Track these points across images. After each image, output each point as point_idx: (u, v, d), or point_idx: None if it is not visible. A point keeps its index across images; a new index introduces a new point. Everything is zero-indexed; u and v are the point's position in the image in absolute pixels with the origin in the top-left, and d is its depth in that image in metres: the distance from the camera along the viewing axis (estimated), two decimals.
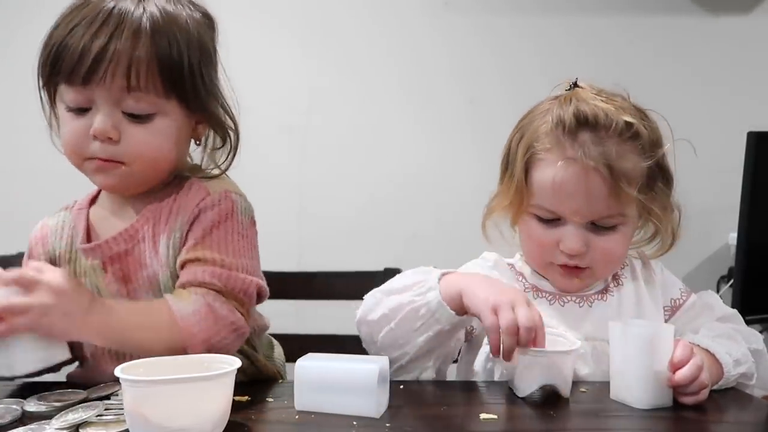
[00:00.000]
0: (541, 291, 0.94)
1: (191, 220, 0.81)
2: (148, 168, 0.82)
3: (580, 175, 0.84)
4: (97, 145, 0.78)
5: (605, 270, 0.92)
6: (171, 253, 0.82)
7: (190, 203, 0.82)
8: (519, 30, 1.87)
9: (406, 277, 0.87)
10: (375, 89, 1.86)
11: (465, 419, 0.71)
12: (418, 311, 0.81)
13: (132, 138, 0.79)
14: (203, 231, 0.81)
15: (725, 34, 1.84)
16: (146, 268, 0.83)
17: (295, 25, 1.84)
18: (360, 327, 0.89)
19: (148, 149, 0.80)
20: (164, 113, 0.80)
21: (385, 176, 1.84)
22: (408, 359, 0.84)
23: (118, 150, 0.79)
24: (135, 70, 0.75)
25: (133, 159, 0.79)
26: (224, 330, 0.77)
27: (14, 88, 1.84)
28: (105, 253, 0.83)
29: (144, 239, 0.83)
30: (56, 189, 1.79)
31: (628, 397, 0.75)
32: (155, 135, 0.80)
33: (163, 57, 0.77)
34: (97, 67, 0.74)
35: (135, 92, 0.77)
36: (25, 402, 0.71)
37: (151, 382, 0.59)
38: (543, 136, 0.88)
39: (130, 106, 0.78)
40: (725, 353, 0.80)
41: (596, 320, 0.90)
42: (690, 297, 0.96)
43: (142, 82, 0.76)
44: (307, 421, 0.68)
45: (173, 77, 0.78)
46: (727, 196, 1.44)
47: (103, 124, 0.77)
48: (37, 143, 1.87)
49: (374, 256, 1.27)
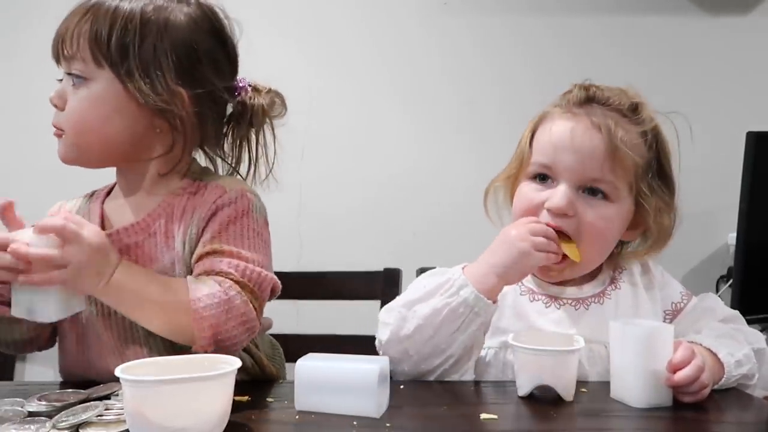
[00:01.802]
0: (537, 294, 0.94)
1: (208, 216, 0.83)
2: (83, 137, 0.84)
3: (578, 129, 0.87)
4: (54, 113, 0.84)
5: (589, 247, 0.88)
6: (187, 249, 0.83)
7: (208, 200, 0.84)
8: (519, 30, 1.87)
9: (424, 285, 0.87)
10: (375, 90, 1.86)
11: (465, 419, 0.71)
12: (456, 311, 0.82)
13: (70, 104, 0.83)
14: (220, 226, 0.82)
15: (724, 34, 1.84)
16: (157, 262, 0.83)
17: (295, 26, 1.84)
18: (389, 348, 0.85)
19: (75, 115, 0.83)
20: (93, 79, 0.82)
21: (384, 176, 1.84)
22: (452, 362, 0.84)
23: (61, 118, 0.84)
24: (69, 33, 0.81)
25: (68, 126, 0.83)
26: (234, 320, 0.76)
27: (14, 89, 1.85)
28: (116, 243, 0.82)
29: (156, 234, 0.84)
30: (56, 189, 1.79)
31: (627, 396, 0.75)
32: (84, 101, 0.82)
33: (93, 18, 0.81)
34: (59, 40, 0.82)
35: (69, 58, 0.82)
36: (25, 402, 0.71)
37: (151, 382, 0.59)
38: (553, 107, 0.93)
39: (70, 70, 0.82)
40: (727, 353, 0.80)
41: (593, 323, 0.90)
42: (691, 300, 0.96)
43: (78, 45, 0.81)
44: (307, 421, 0.68)
45: (99, 41, 0.81)
46: (727, 196, 1.45)
47: (54, 92, 0.83)
48: (36, 143, 1.87)
49: (374, 256, 1.27)
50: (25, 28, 1.79)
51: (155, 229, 0.84)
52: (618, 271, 0.96)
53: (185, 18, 0.85)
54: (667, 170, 0.92)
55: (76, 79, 0.82)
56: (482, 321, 0.83)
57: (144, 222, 0.85)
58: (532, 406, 0.75)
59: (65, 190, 0.94)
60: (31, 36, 1.75)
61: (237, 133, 0.94)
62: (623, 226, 0.91)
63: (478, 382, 0.85)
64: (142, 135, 0.85)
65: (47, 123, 0.86)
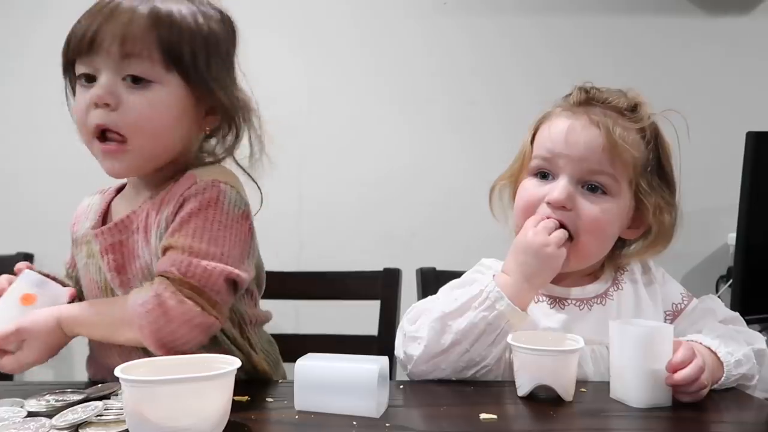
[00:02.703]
0: (541, 295, 0.94)
1: (176, 208, 0.80)
2: (147, 142, 0.81)
3: (577, 124, 0.89)
4: (97, 113, 0.79)
5: (589, 242, 0.89)
6: (158, 243, 0.81)
7: (177, 192, 0.82)
8: (519, 30, 1.86)
9: (455, 298, 0.86)
10: (375, 89, 1.85)
11: (465, 419, 0.70)
12: (493, 323, 0.82)
13: (129, 105, 0.79)
14: (181, 219, 0.79)
15: (724, 34, 1.84)
16: (139, 259, 0.82)
17: (293, 26, 1.84)
18: (420, 363, 0.84)
19: (143, 118, 0.80)
20: (161, 83, 0.81)
21: (384, 177, 1.84)
22: (485, 371, 0.85)
23: (115, 119, 0.79)
24: (132, 36, 0.78)
25: (130, 130, 0.79)
26: (175, 322, 0.74)
27: (14, 89, 1.85)
28: (102, 242, 0.84)
29: (138, 230, 0.83)
30: (55, 189, 1.79)
31: (627, 396, 0.75)
32: (152, 103, 0.80)
33: (162, 23, 0.79)
34: (96, 34, 0.77)
35: (134, 58, 0.78)
36: (25, 402, 0.71)
37: (150, 382, 0.59)
38: (553, 108, 0.95)
39: (129, 70, 0.79)
40: (727, 352, 0.81)
41: (595, 324, 0.90)
42: (691, 301, 0.96)
43: (138, 48, 0.78)
44: (307, 421, 0.68)
45: (171, 47, 0.80)
46: (727, 196, 1.44)
47: (101, 89, 0.78)
48: (36, 143, 1.87)
49: (374, 256, 1.27)
50: (33, 27, 1.79)
51: (137, 225, 0.83)
52: (620, 272, 0.97)
53: (225, 26, 0.87)
54: (666, 169, 0.93)
55: (133, 79, 0.79)
56: (514, 331, 0.84)
57: (128, 219, 0.84)
58: (532, 406, 0.75)
59: (64, 190, 0.94)
60: (42, 35, 1.76)
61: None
62: (623, 221, 0.92)
63: (478, 382, 0.85)
64: (190, 140, 0.87)
65: (42, 123, 0.85)
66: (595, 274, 0.96)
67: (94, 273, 0.87)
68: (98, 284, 0.87)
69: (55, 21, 1.62)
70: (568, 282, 0.95)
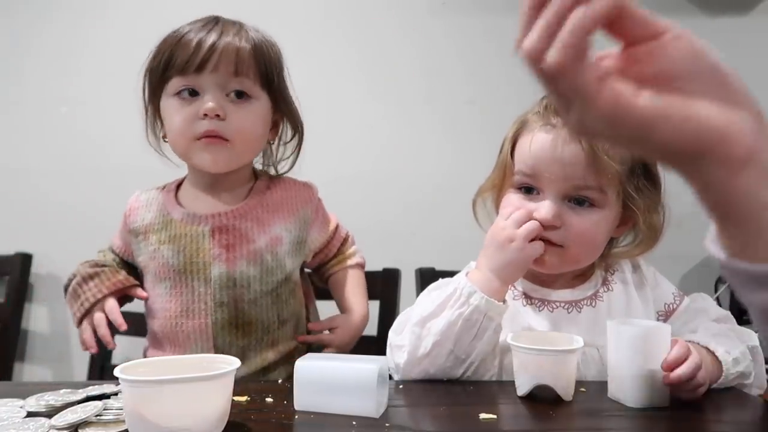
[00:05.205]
0: (530, 298, 0.94)
1: (315, 207, 1.08)
2: (246, 146, 0.99)
3: (557, 141, 0.86)
4: (206, 122, 0.93)
5: (579, 251, 0.89)
6: (294, 236, 1.03)
7: (304, 195, 1.07)
8: (517, 30, 1.86)
9: (432, 300, 0.86)
10: (376, 89, 1.85)
11: (465, 419, 0.71)
12: (471, 319, 0.82)
13: (235, 116, 0.95)
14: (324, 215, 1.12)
15: (724, 34, 1.84)
16: (251, 243, 0.99)
17: (291, 27, 1.84)
18: (408, 371, 0.85)
19: (247, 127, 0.97)
20: (258, 99, 0.98)
21: (383, 177, 1.84)
22: (474, 368, 0.85)
23: (224, 127, 0.94)
24: (239, 59, 0.93)
25: (236, 136, 0.95)
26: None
27: (15, 89, 1.85)
28: (214, 223, 0.98)
29: (254, 219, 1.00)
30: (54, 189, 1.79)
31: (624, 396, 0.76)
32: (253, 115, 0.97)
33: (259, 51, 0.97)
34: (210, 57, 0.92)
35: (240, 76, 0.94)
36: (24, 402, 0.71)
37: (150, 382, 0.59)
38: (532, 114, 0.92)
39: (235, 87, 0.95)
40: (724, 352, 0.80)
41: (586, 326, 0.89)
42: (683, 300, 0.96)
43: (244, 69, 0.94)
44: (306, 421, 0.68)
45: (266, 70, 0.97)
46: None
47: (215, 103, 0.93)
48: (33, 144, 1.87)
49: (373, 256, 1.27)
50: (35, 27, 1.79)
51: (254, 216, 1.00)
52: (610, 272, 0.96)
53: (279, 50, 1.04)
54: (652, 169, 0.91)
55: (236, 94, 0.95)
56: (497, 324, 0.84)
57: (242, 209, 1.00)
58: (531, 405, 0.75)
59: (63, 190, 0.94)
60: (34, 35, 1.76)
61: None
62: (612, 228, 0.91)
63: (477, 382, 0.86)
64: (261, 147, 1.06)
65: (40, 124, 0.86)
66: (585, 275, 0.96)
67: (170, 257, 0.98)
68: (173, 267, 0.98)
69: (59, 22, 1.64)
70: (558, 284, 0.94)
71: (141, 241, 1.02)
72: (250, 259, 0.98)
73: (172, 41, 0.95)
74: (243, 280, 0.97)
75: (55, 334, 1.80)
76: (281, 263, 1.00)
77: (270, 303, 0.99)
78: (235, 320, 0.97)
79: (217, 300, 0.96)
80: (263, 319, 0.99)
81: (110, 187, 1.78)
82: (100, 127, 1.76)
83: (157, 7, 1.77)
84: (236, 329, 0.97)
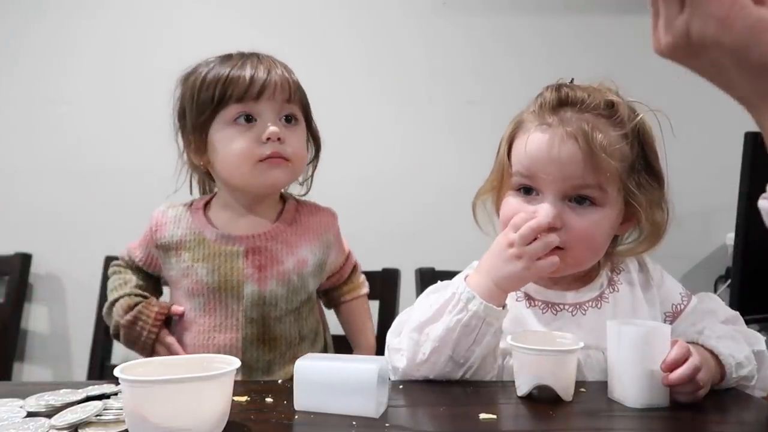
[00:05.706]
0: (533, 300, 0.93)
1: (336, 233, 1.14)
2: (301, 165, 1.07)
3: (554, 140, 0.85)
4: (269, 145, 0.99)
5: (581, 253, 0.87)
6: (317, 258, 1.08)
7: (327, 221, 1.12)
8: (518, 30, 1.87)
9: (430, 304, 0.86)
10: (373, 89, 1.86)
11: (465, 419, 0.71)
12: (469, 325, 0.81)
13: (291, 138, 1.02)
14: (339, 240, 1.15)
15: None
16: (281, 264, 1.03)
17: (292, 26, 1.84)
18: (412, 375, 0.85)
19: (301, 147, 1.05)
20: (301, 123, 1.06)
21: (383, 176, 1.84)
22: (473, 371, 0.84)
23: (284, 148, 1.01)
24: (290, 88, 1.03)
25: (293, 156, 1.02)
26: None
27: (13, 89, 1.84)
28: (248, 244, 1.02)
29: (283, 241, 1.04)
30: (53, 189, 1.79)
31: (624, 396, 0.75)
32: (302, 137, 1.06)
33: (298, 82, 1.06)
34: (266, 87, 1.00)
35: (291, 103, 1.03)
36: (24, 402, 0.71)
37: (150, 382, 0.59)
38: (527, 114, 0.91)
39: (287, 112, 1.03)
40: (729, 355, 0.80)
41: (590, 328, 0.88)
42: (691, 301, 0.95)
43: (294, 97, 1.04)
44: (306, 421, 0.68)
45: (302, 97, 1.07)
46: (725, 196, 1.45)
47: (275, 127, 1.00)
48: (33, 144, 1.86)
49: (373, 256, 1.27)
50: (30, 27, 1.79)
51: (284, 238, 1.04)
52: (615, 272, 0.95)
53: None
54: (654, 165, 0.90)
55: (287, 118, 1.03)
56: (496, 328, 0.83)
57: (274, 231, 1.05)
58: (531, 406, 0.75)
59: (61, 191, 0.93)
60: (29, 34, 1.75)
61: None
62: (615, 226, 0.90)
63: (477, 382, 0.85)
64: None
65: (37, 124, 0.86)
66: (590, 275, 0.94)
67: (204, 275, 1.02)
68: (207, 284, 1.01)
69: (52, 22, 1.64)
70: (562, 286, 0.93)
71: (172, 257, 1.05)
72: (279, 279, 1.03)
73: (222, 75, 1.00)
74: (272, 298, 1.02)
75: (55, 334, 1.80)
76: (305, 283, 1.06)
77: (293, 320, 1.05)
78: (262, 336, 1.02)
79: (248, 316, 1.01)
80: (287, 335, 1.04)
81: (110, 188, 1.79)
82: (100, 127, 1.76)
83: (147, 7, 1.76)
84: (263, 344, 1.02)
